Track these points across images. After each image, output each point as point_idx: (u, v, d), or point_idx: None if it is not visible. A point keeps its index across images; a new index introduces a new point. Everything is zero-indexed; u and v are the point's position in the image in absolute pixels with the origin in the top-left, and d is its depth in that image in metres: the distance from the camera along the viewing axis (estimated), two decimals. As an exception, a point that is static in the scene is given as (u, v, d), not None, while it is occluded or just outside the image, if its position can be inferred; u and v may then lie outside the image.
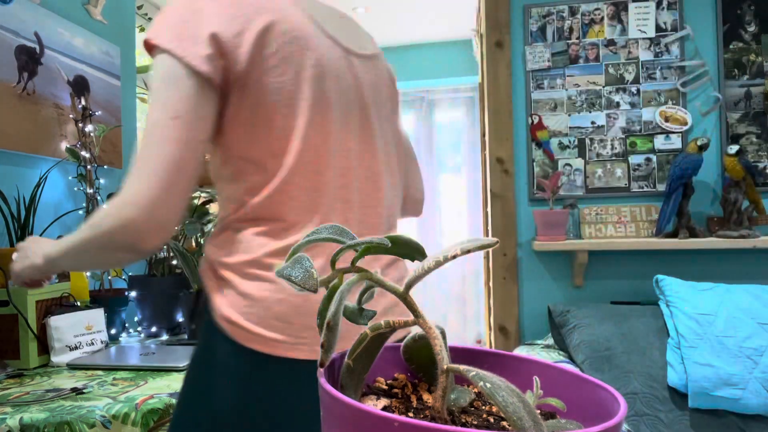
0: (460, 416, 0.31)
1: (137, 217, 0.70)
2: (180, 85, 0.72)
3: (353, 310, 0.36)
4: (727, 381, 1.60)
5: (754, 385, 1.59)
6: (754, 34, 2.10)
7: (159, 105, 0.72)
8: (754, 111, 2.09)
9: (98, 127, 1.87)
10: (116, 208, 0.71)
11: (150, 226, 0.70)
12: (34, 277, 0.91)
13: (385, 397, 0.33)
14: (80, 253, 0.78)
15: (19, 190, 1.64)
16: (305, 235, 0.35)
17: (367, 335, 0.32)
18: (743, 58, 2.10)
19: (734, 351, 1.64)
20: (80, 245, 0.76)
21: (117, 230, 0.71)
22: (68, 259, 0.81)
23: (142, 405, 1.05)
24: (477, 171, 4.41)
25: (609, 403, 0.30)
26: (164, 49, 0.72)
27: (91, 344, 1.48)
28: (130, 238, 0.71)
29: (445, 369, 0.30)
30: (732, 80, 2.10)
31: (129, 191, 0.70)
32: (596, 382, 0.33)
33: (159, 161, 0.70)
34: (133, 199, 0.70)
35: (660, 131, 2.14)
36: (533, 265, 2.21)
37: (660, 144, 2.13)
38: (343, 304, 0.30)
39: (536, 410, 0.24)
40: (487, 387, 0.25)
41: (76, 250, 0.78)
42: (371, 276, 0.32)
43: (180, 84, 0.72)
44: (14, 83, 1.67)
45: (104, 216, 0.72)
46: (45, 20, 1.79)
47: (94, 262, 0.80)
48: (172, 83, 0.72)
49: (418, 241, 0.36)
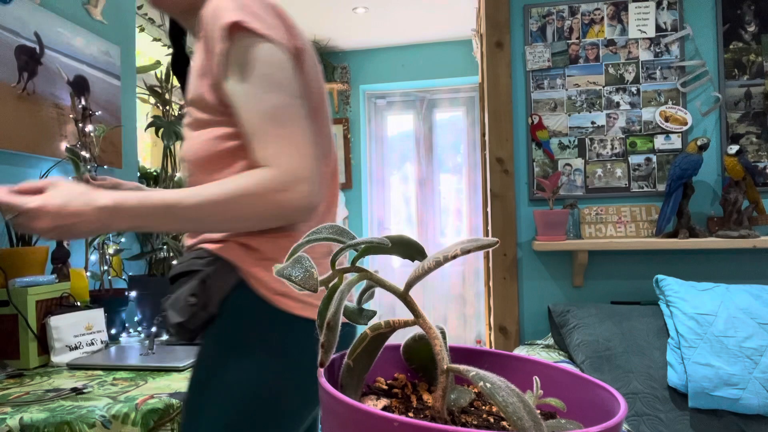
0: (460, 416, 0.31)
1: (311, 189, 0.75)
2: (287, 68, 0.78)
3: (353, 310, 0.36)
4: (727, 381, 1.60)
5: (754, 385, 1.59)
6: (754, 34, 2.10)
7: (275, 87, 0.76)
8: (754, 111, 2.09)
9: (98, 127, 1.87)
10: (288, 183, 0.74)
11: (316, 199, 0.76)
12: (72, 228, 0.73)
13: (385, 397, 0.33)
14: (213, 214, 0.74)
15: (19, 190, 1.64)
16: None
17: (368, 335, 0.32)
18: (743, 58, 2.10)
19: (734, 351, 1.64)
20: (222, 207, 0.73)
21: (292, 203, 0.74)
22: (169, 216, 0.74)
23: (142, 405, 1.05)
24: (477, 171, 4.41)
25: (609, 403, 0.30)
26: (263, 34, 0.76)
27: (91, 344, 1.48)
28: (301, 211, 0.75)
29: (445, 369, 0.30)
30: (732, 80, 2.10)
31: (292, 166, 0.74)
32: (596, 382, 0.33)
33: (304, 137, 0.76)
34: (303, 174, 0.74)
35: (660, 131, 2.14)
36: (533, 265, 2.21)
37: (660, 144, 2.13)
38: (343, 303, 0.30)
39: (536, 410, 0.24)
40: (487, 387, 0.25)
41: (214, 209, 0.73)
42: (371, 276, 0.32)
43: (286, 67, 0.78)
44: (14, 83, 1.67)
45: (274, 189, 0.73)
46: (45, 20, 1.79)
47: (220, 222, 0.76)
48: (279, 67, 0.77)
49: (417, 241, 0.36)
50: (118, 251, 1.83)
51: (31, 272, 1.48)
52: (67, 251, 1.65)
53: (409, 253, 0.36)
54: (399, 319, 0.33)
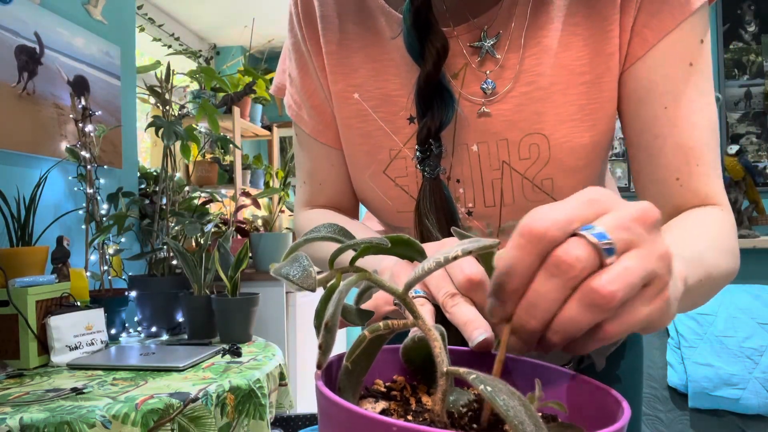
0: (460, 419, 0.31)
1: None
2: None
3: (352, 310, 0.36)
4: (727, 381, 1.60)
5: (754, 385, 1.59)
6: (754, 34, 2.09)
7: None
8: (754, 111, 2.08)
9: (98, 127, 1.87)
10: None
11: None
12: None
13: (383, 400, 0.33)
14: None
15: (19, 190, 1.64)
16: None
17: (366, 337, 0.31)
18: (743, 58, 2.09)
19: (734, 351, 1.64)
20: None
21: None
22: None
23: (142, 405, 1.04)
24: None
25: (612, 407, 0.30)
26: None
27: (91, 344, 1.48)
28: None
29: (444, 371, 0.29)
30: (732, 80, 2.10)
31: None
32: (599, 385, 0.33)
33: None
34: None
35: (660, 131, 2.13)
36: (533, 265, 2.21)
37: (660, 144, 2.13)
38: (342, 304, 0.30)
39: (538, 414, 0.24)
40: (488, 390, 0.24)
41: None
42: (370, 276, 0.32)
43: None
44: (14, 83, 1.67)
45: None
46: (45, 20, 1.79)
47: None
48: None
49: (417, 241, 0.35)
50: (118, 251, 1.83)
51: (31, 272, 1.47)
52: (67, 251, 1.64)
53: (408, 253, 0.36)
54: (398, 320, 0.32)
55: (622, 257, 0.31)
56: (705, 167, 0.60)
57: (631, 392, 0.81)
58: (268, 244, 2.47)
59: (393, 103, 0.70)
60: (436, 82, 0.63)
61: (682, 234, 0.55)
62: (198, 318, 1.68)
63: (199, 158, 2.72)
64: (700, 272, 0.48)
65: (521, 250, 0.31)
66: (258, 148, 4.11)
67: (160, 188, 1.85)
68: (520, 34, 0.65)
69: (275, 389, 1.41)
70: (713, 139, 0.60)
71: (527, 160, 0.66)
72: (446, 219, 0.65)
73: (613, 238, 0.31)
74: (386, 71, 0.70)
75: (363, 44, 0.71)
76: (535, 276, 0.31)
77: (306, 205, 0.83)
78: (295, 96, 0.79)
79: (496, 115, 0.66)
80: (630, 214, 0.32)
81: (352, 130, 0.73)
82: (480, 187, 0.68)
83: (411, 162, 0.69)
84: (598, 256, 0.30)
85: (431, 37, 0.63)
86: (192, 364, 1.34)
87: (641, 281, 0.31)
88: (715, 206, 0.60)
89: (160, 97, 1.84)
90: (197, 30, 3.76)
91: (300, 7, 0.74)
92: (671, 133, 0.61)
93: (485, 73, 0.66)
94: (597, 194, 0.33)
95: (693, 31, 0.60)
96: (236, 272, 1.65)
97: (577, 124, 0.64)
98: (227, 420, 1.17)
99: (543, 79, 0.64)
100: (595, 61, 0.63)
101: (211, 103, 2.59)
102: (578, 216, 0.32)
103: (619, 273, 0.30)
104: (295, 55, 0.77)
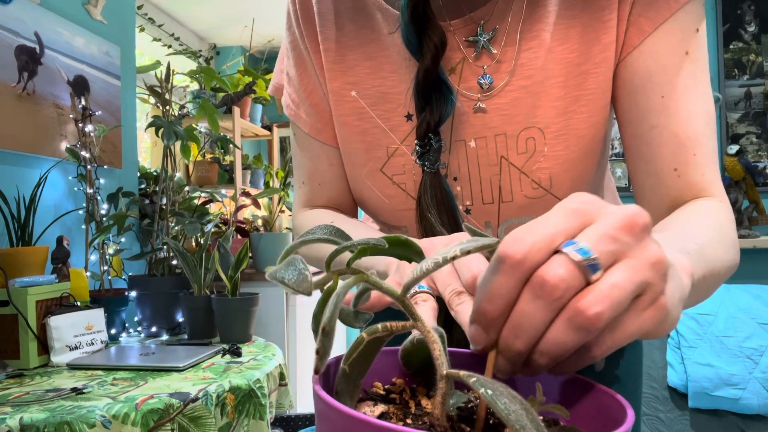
0: (460, 423, 0.31)
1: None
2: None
3: (349, 313, 0.36)
4: (727, 381, 1.60)
5: (754, 385, 1.59)
6: (754, 34, 2.09)
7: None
8: (754, 111, 2.08)
9: (98, 127, 1.87)
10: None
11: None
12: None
13: (382, 403, 0.33)
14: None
15: (19, 190, 1.64)
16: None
17: (364, 339, 0.31)
18: (743, 58, 2.09)
19: (734, 351, 1.63)
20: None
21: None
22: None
23: (142, 405, 1.04)
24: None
25: (615, 411, 0.30)
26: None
27: (91, 344, 1.48)
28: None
29: (444, 374, 0.29)
30: (732, 80, 2.09)
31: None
32: (602, 389, 0.32)
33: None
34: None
35: (661, 131, 2.13)
36: (533, 265, 2.21)
37: (661, 144, 2.13)
38: (339, 307, 0.30)
39: (539, 418, 0.24)
40: (489, 394, 0.24)
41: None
42: (367, 277, 0.31)
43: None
44: (14, 83, 1.66)
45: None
46: (45, 20, 1.79)
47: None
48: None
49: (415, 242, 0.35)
50: (118, 251, 1.82)
51: (31, 272, 1.47)
52: (67, 251, 1.64)
53: (406, 254, 0.35)
54: (397, 322, 0.32)
55: (609, 272, 0.29)
56: (702, 157, 0.60)
57: (630, 392, 0.81)
58: (268, 244, 2.47)
59: (390, 100, 0.70)
60: (434, 77, 0.63)
61: (683, 228, 0.54)
62: (198, 318, 1.68)
63: (199, 158, 2.72)
64: (705, 267, 0.46)
65: (502, 276, 0.30)
66: (258, 148, 4.10)
67: (160, 188, 1.85)
68: (516, 28, 0.65)
69: (275, 389, 1.41)
70: (710, 128, 0.60)
71: (524, 155, 0.66)
72: (447, 214, 0.65)
73: (597, 252, 0.29)
74: (383, 68, 0.70)
75: (360, 42, 0.71)
76: (519, 297, 0.30)
77: (305, 205, 0.83)
78: (293, 95, 0.79)
79: (493, 110, 0.66)
80: (616, 222, 0.30)
81: (350, 128, 0.72)
82: (478, 184, 0.68)
83: (408, 159, 0.69)
84: (582, 273, 0.29)
85: (429, 32, 0.63)
86: (192, 364, 1.34)
87: (631, 295, 0.29)
88: (713, 198, 0.60)
89: (160, 97, 1.84)
90: (197, 30, 3.75)
91: (298, 4, 0.74)
92: (668, 123, 0.61)
93: (482, 68, 0.66)
94: (580, 203, 0.31)
95: (688, 19, 0.60)
96: (236, 272, 1.65)
97: (572, 115, 0.64)
98: (227, 420, 1.17)
99: (540, 72, 0.64)
100: (592, 51, 0.63)
101: (211, 103, 2.59)
102: (560, 230, 0.30)
103: (604, 291, 0.29)
104: (294, 53, 0.77)
